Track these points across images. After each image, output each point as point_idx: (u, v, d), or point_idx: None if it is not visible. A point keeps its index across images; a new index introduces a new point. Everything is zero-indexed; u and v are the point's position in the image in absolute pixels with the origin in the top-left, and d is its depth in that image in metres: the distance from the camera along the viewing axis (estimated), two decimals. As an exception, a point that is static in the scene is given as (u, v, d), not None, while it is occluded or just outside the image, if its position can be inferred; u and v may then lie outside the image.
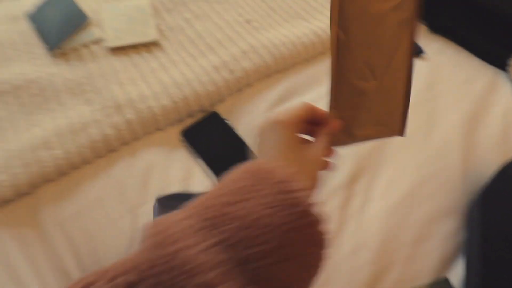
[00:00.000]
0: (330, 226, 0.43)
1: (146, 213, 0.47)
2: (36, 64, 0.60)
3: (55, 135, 0.51)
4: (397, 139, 0.52)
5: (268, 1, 0.71)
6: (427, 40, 0.67)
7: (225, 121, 0.56)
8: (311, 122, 0.35)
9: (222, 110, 0.57)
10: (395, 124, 0.37)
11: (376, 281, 0.41)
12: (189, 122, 0.56)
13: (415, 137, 0.53)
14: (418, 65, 0.63)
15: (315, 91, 0.60)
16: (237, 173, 0.30)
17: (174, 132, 0.55)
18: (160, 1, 0.70)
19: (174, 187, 0.49)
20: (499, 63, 0.63)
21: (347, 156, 0.50)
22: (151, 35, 0.63)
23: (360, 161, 0.49)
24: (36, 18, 0.65)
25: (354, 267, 0.41)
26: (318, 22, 0.67)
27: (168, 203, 0.45)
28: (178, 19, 0.67)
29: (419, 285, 0.39)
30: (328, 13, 0.70)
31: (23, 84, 0.57)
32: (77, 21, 0.61)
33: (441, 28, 0.69)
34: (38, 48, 0.62)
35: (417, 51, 0.64)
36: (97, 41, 0.63)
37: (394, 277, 0.41)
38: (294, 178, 0.28)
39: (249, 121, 0.56)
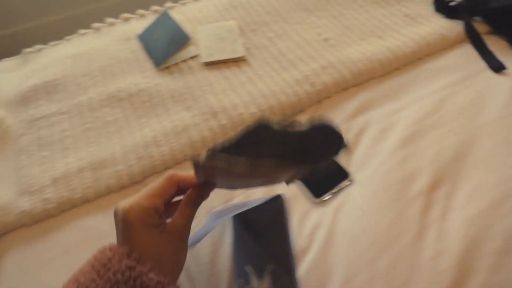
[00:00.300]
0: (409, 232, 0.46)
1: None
2: (146, 76, 0.71)
3: (162, 135, 0.60)
4: (480, 153, 0.53)
5: (344, 21, 0.77)
6: (508, 55, 0.67)
7: (306, 128, 0.61)
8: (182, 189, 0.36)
9: (302, 119, 0.63)
10: None
11: (460, 285, 0.42)
12: (272, 128, 0.62)
13: (496, 153, 0.53)
14: (498, 81, 0.63)
15: (390, 105, 0.63)
16: (83, 267, 0.32)
17: (260, 137, 0.62)
18: (246, 23, 0.79)
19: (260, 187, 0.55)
20: None
21: (426, 164, 0.52)
22: (239, 52, 0.72)
23: (440, 170, 0.51)
24: (145, 39, 0.78)
25: (435, 271, 0.43)
26: (393, 40, 0.71)
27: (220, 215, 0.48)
28: (262, 38, 0.75)
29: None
30: (403, 31, 0.73)
31: (135, 93, 0.68)
32: (181, 41, 0.71)
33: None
34: (147, 63, 0.74)
35: (499, 67, 0.65)
36: (193, 57, 0.73)
37: (477, 283, 0.42)
38: (140, 269, 0.29)
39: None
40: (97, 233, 0.54)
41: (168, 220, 0.36)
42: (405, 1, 0.79)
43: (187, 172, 0.36)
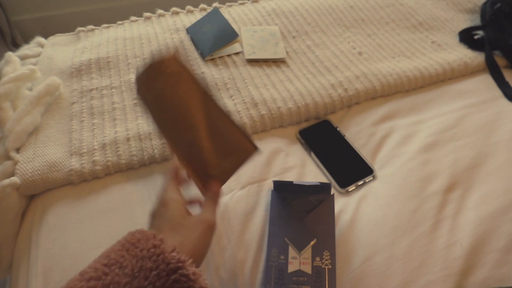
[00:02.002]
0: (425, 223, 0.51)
1: (266, 187, 0.58)
2: (192, 64, 0.77)
3: (205, 116, 0.66)
4: (491, 166, 0.59)
5: (377, 39, 0.84)
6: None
7: (337, 128, 0.67)
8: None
9: (333, 119, 0.69)
10: (243, 146, 0.48)
11: (467, 274, 0.47)
12: (305, 125, 0.68)
13: (506, 167, 0.59)
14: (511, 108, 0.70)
15: (414, 117, 0.68)
16: (113, 246, 0.36)
17: (293, 131, 0.67)
18: (287, 30, 0.86)
19: (292, 171, 0.60)
20: None
21: (444, 169, 0.57)
22: (280, 54, 0.78)
23: (455, 176, 0.57)
24: (193, 31, 0.84)
25: (447, 259, 0.48)
26: (420, 61, 0.77)
27: (281, 188, 0.54)
28: (301, 45, 0.82)
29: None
30: (430, 55, 0.80)
31: (182, 77, 0.74)
32: (229, 37, 0.78)
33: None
34: (193, 53, 0.80)
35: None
36: (237, 54, 0.79)
37: (483, 274, 0.47)
38: (164, 246, 0.34)
39: (356, 131, 0.66)
40: (137, 198, 0.58)
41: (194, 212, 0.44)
42: (433, 30, 0.86)
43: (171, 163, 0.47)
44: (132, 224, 0.55)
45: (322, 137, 0.66)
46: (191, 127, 0.46)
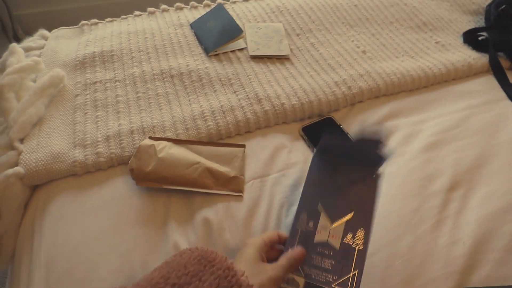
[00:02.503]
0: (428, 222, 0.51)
1: (269, 182, 0.58)
2: (196, 59, 0.77)
3: (209, 111, 0.66)
4: (494, 166, 0.59)
5: (381, 39, 0.84)
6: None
7: (340, 126, 0.67)
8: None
9: (336, 117, 0.69)
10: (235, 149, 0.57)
11: (469, 272, 0.47)
12: (308, 121, 0.68)
13: (508, 168, 0.59)
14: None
15: (417, 116, 0.69)
16: (186, 256, 0.40)
17: (296, 127, 0.67)
18: (291, 27, 0.86)
19: (295, 167, 0.60)
20: None
21: (446, 168, 0.58)
22: (284, 51, 0.79)
23: (458, 175, 0.57)
24: (197, 27, 0.84)
25: (449, 257, 0.48)
26: (424, 61, 0.78)
27: (329, 146, 0.49)
28: (305, 43, 0.82)
29: None
30: (433, 55, 0.80)
31: (186, 72, 0.74)
32: (233, 33, 0.78)
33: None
34: (197, 49, 0.80)
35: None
36: (241, 50, 0.79)
37: (484, 273, 0.47)
38: (237, 269, 0.37)
39: (359, 129, 0.67)
40: (140, 191, 0.58)
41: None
42: (437, 30, 0.87)
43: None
44: (135, 216, 0.55)
45: (326, 134, 0.66)
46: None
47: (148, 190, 0.58)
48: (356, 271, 0.43)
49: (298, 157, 0.62)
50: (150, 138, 0.61)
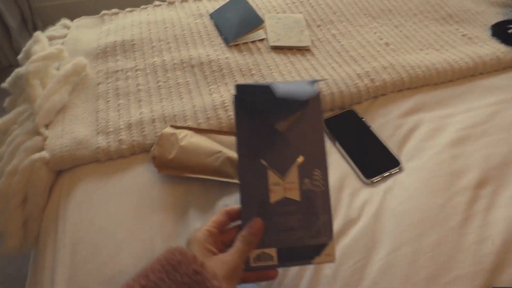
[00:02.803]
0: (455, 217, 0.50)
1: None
2: (216, 50, 0.77)
3: (230, 101, 0.66)
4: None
5: (404, 31, 0.82)
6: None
7: (362, 119, 0.66)
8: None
9: (358, 110, 0.68)
10: None
11: (497, 271, 0.45)
12: (329, 114, 0.68)
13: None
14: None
15: (442, 110, 0.67)
16: (154, 262, 0.35)
17: (317, 119, 0.67)
18: (312, 18, 0.85)
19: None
20: None
21: (475, 164, 0.56)
22: (305, 42, 0.77)
23: (487, 172, 0.55)
24: (217, 17, 0.84)
25: (478, 254, 0.47)
26: (450, 54, 0.75)
27: (247, 92, 0.40)
28: (326, 34, 0.81)
29: None
30: (460, 48, 0.78)
31: (206, 62, 0.74)
32: (254, 23, 0.77)
33: None
34: (217, 39, 0.80)
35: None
36: (261, 40, 0.79)
37: (512, 272, 0.46)
38: (206, 274, 0.32)
39: (381, 123, 0.65)
40: (161, 179, 0.59)
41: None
42: (463, 23, 0.84)
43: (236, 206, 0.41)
44: (156, 204, 0.56)
45: (347, 126, 0.65)
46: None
47: (169, 178, 0.58)
48: (326, 216, 0.39)
49: (319, 149, 0.62)
50: (172, 126, 0.61)
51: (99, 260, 0.51)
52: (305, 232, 0.39)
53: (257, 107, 0.40)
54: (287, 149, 0.39)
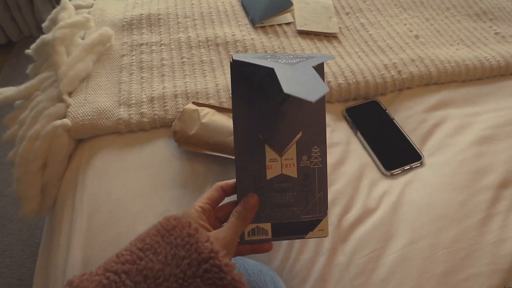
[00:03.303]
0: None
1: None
2: (241, 30, 0.76)
3: (253, 83, 0.65)
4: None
5: (435, 24, 0.80)
6: None
7: (386, 110, 0.65)
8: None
9: (382, 101, 0.66)
10: None
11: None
12: (352, 103, 0.66)
13: None
14: None
15: (469, 108, 0.65)
16: (151, 228, 0.35)
17: (339, 107, 0.66)
18: (341, 5, 0.83)
19: (337, 147, 0.59)
20: None
21: (499, 164, 0.55)
22: (332, 28, 0.76)
23: (511, 172, 0.54)
24: (245, -3, 0.83)
25: (496, 254, 0.46)
26: (480, 51, 0.73)
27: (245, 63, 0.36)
28: (354, 22, 0.79)
29: None
30: (492, 46, 0.75)
31: (231, 41, 0.73)
32: (283, 5, 0.76)
33: None
34: (243, 19, 0.79)
35: None
36: (288, 24, 0.77)
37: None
38: (199, 235, 0.33)
39: (405, 116, 0.64)
40: (179, 154, 0.59)
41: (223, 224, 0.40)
42: (497, 20, 0.81)
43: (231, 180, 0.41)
44: (174, 179, 0.56)
45: (370, 117, 0.64)
46: None
47: (188, 154, 0.58)
48: (321, 193, 0.39)
49: (340, 137, 0.61)
50: (194, 103, 0.61)
51: (114, 230, 0.51)
52: (300, 208, 0.39)
53: (255, 79, 0.38)
54: (285, 125, 0.38)
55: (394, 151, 0.59)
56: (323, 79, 0.37)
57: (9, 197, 1.19)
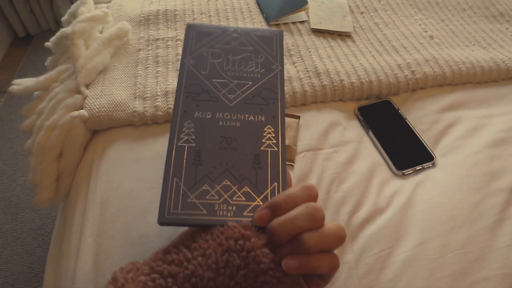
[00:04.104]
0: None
1: (321, 156, 0.58)
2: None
3: (266, 79, 0.66)
4: None
5: (450, 25, 0.79)
6: None
7: (398, 110, 0.64)
8: None
9: (394, 101, 0.66)
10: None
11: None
12: (364, 102, 0.66)
13: None
14: None
15: (483, 110, 0.65)
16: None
17: (352, 106, 0.66)
18: (356, 5, 0.83)
19: (348, 146, 0.59)
20: None
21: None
22: (347, 27, 0.76)
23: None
24: (260, -5, 0.83)
25: (508, 259, 0.46)
26: (496, 52, 0.72)
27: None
28: (369, 21, 0.79)
29: None
30: (509, 48, 0.74)
31: (245, 39, 0.74)
32: (298, 4, 0.76)
33: None
34: (258, 16, 0.79)
35: None
36: (302, 22, 0.78)
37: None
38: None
39: (418, 116, 0.64)
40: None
41: None
42: (515, 22, 0.80)
43: None
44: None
45: (382, 116, 0.64)
46: None
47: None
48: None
49: (352, 136, 0.61)
50: None
51: (126, 219, 0.52)
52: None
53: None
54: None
55: (406, 151, 0.59)
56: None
57: (23, 187, 1.22)
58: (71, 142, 0.58)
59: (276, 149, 0.35)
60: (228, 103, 0.38)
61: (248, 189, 0.34)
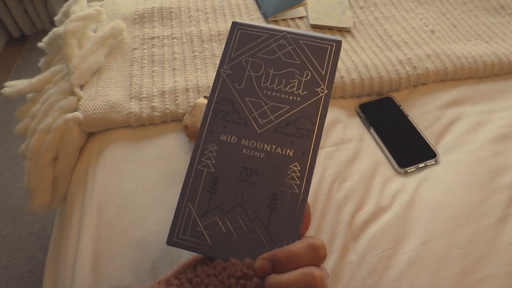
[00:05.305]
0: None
1: (325, 155, 0.56)
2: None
3: (265, 77, 0.64)
4: None
5: (451, 19, 0.78)
6: None
7: (400, 107, 0.63)
8: None
9: (396, 97, 0.65)
10: None
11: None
12: (365, 99, 0.65)
13: None
14: None
15: (486, 105, 0.63)
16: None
17: (353, 103, 0.65)
18: (355, 0, 0.81)
19: (350, 144, 0.58)
20: None
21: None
22: (346, 23, 0.74)
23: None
24: (257, -9, 0.82)
25: None
26: (498, 46, 0.71)
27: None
28: (368, 16, 0.77)
29: None
30: (510, 41, 0.73)
31: (243, 36, 0.72)
32: (296, 0, 0.75)
33: None
34: (256, 13, 0.78)
35: None
36: (301, 18, 0.76)
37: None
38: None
39: (420, 112, 0.63)
40: (189, 148, 0.59)
41: None
42: (517, 15, 0.79)
43: None
44: (185, 173, 0.56)
45: (383, 113, 0.63)
46: None
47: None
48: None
49: (353, 134, 0.60)
50: (205, 97, 0.60)
51: (124, 224, 0.51)
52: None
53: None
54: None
55: (408, 148, 0.58)
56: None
57: (22, 190, 1.21)
58: (66, 145, 0.57)
59: (297, 191, 0.32)
60: (257, 128, 0.34)
61: (258, 230, 0.32)
